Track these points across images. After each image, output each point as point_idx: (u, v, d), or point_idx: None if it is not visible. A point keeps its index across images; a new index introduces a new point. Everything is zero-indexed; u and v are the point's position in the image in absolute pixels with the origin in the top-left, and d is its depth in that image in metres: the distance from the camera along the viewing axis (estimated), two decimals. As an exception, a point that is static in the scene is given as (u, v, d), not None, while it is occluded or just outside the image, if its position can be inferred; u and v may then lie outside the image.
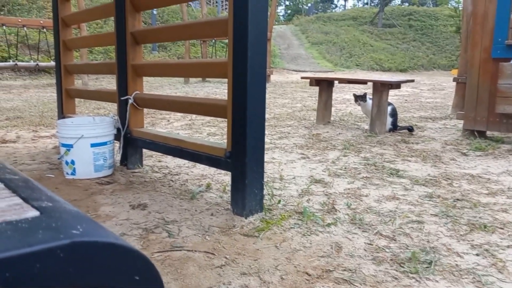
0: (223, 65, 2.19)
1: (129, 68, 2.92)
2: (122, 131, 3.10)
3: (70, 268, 0.51)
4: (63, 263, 0.51)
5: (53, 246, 0.50)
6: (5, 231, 0.54)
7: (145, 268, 0.57)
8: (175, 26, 2.59)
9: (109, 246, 0.54)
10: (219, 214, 2.22)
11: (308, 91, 9.94)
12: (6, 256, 0.48)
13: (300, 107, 7.15)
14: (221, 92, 9.79)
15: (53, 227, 0.55)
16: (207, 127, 5.11)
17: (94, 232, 0.55)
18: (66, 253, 0.51)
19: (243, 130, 2.10)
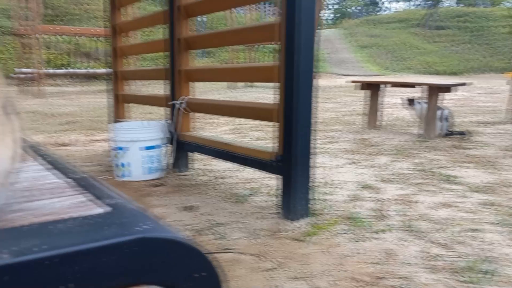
0: (273, 69, 2.20)
1: (178, 74, 2.99)
2: (172, 135, 3.18)
3: (135, 263, 0.53)
4: (129, 259, 0.53)
5: (119, 242, 0.52)
6: (75, 226, 0.56)
7: (205, 267, 0.58)
8: (225, 32, 2.63)
9: (173, 243, 0.56)
10: (267, 218, 2.22)
11: (354, 95, 9.78)
12: (75, 251, 0.50)
13: (346, 112, 7.05)
14: (267, 97, 9.83)
15: (119, 223, 0.57)
16: (254, 131, 5.14)
17: (159, 228, 0.57)
18: (132, 249, 0.53)
19: (294, 134, 2.10)
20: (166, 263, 0.55)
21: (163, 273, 0.55)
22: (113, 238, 0.52)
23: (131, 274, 0.53)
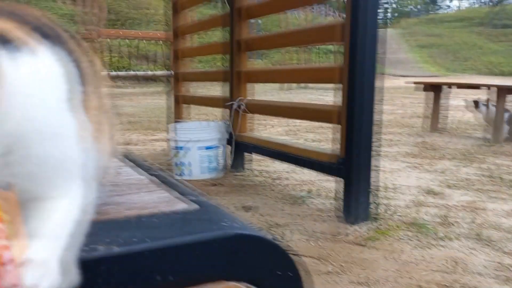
0: (335, 70, 2.18)
1: (237, 75, 3.04)
2: (230, 136, 3.23)
3: (224, 259, 0.55)
4: (219, 254, 0.54)
5: (210, 237, 0.54)
6: (166, 220, 0.59)
7: (288, 266, 0.59)
8: (286, 33, 2.65)
9: (259, 241, 0.57)
10: (323, 220, 2.20)
11: (413, 97, 9.46)
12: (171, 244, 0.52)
13: (404, 114, 6.84)
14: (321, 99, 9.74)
15: (207, 220, 0.59)
16: (308, 133, 5.11)
17: (245, 226, 0.58)
18: (222, 245, 0.54)
19: (356, 136, 2.07)
20: (252, 260, 0.57)
21: (249, 269, 0.57)
22: (204, 234, 0.54)
23: (220, 269, 0.55)
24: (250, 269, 0.57)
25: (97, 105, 0.51)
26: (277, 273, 0.58)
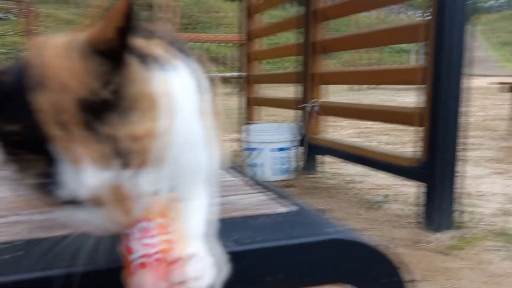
0: (417, 71, 2.10)
1: (312, 77, 3.03)
2: (303, 138, 3.22)
3: (328, 263, 0.55)
4: (323, 258, 0.55)
5: (315, 241, 0.55)
6: (271, 222, 0.61)
7: (393, 274, 0.58)
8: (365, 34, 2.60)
9: (362, 247, 0.57)
10: (403, 227, 2.13)
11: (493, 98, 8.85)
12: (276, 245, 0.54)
13: (486, 116, 6.42)
14: (392, 99, 9.41)
15: (310, 223, 0.60)
16: (381, 135, 4.97)
17: (348, 231, 0.58)
18: (325, 249, 0.55)
19: (440, 139, 1.99)
20: (357, 266, 0.57)
21: (354, 275, 0.57)
22: (310, 237, 0.55)
23: (326, 273, 0.55)
24: (355, 275, 0.57)
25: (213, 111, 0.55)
26: (382, 281, 0.57)
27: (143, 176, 0.38)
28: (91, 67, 0.35)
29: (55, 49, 0.37)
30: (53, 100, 0.34)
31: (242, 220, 0.60)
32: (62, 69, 0.35)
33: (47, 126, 0.34)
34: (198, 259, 0.41)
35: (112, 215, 0.37)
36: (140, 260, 0.38)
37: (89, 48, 0.36)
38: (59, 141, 0.34)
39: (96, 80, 0.35)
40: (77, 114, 0.34)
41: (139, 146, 0.37)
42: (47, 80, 0.35)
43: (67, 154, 0.34)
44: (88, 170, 0.35)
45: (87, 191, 0.35)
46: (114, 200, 0.37)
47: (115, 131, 0.36)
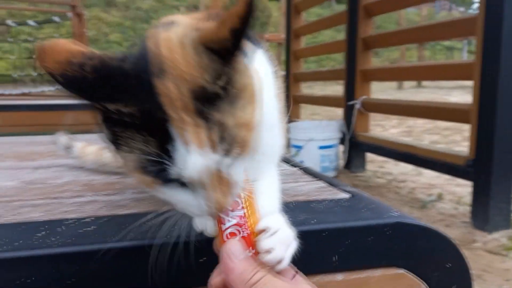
0: (467, 67, 2.05)
1: (359, 74, 3.00)
2: (347, 135, 3.20)
3: (393, 245, 0.56)
4: (389, 240, 0.56)
5: (382, 223, 0.56)
6: (333, 206, 0.62)
7: (457, 259, 0.58)
8: (412, 29, 2.55)
9: (426, 230, 0.57)
10: (456, 226, 2.07)
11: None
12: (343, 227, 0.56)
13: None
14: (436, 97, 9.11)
15: (372, 208, 0.61)
16: (428, 134, 4.82)
17: (409, 216, 0.59)
18: (391, 231, 0.56)
19: (490, 137, 1.92)
20: (419, 250, 0.57)
21: (416, 259, 0.57)
22: (373, 220, 0.57)
23: (386, 256, 0.56)
24: (416, 259, 0.57)
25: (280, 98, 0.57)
26: (446, 266, 0.58)
27: (241, 162, 0.42)
28: (204, 61, 0.38)
29: (173, 42, 0.40)
30: (173, 87, 0.38)
31: (306, 204, 0.62)
32: (180, 60, 0.39)
33: (167, 109, 0.37)
34: (282, 230, 0.43)
35: (211, 198, 0.40)
36: (230, 230, 0.42)
37: (204, 44, 0.39)
38: (176, 123, 0.37)
39: (208, 74, 0.38)
40: (192, 101, 0.38)
41: (243, 133, 0.40)
42: (168, 69, 0.38)
43: (181, 136, 0.38)
44: (198, 152, 0.38)
45: (195, 171, 0.38)
46: (215, 183, 0.40)
47: (225, 118, 0.39)
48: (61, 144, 0.90)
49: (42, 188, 0.76)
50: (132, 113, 0.38)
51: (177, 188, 0.41)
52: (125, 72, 0.39)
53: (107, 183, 0.79)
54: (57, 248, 0.48)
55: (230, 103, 0.40)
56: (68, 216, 0.59)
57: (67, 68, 0.37)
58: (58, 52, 0.38)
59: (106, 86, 0.38)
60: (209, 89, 0.39)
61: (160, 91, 0.38)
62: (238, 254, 0.41)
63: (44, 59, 0.38)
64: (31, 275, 0.46)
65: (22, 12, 10.07)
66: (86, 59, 0.38)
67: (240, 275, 0.39)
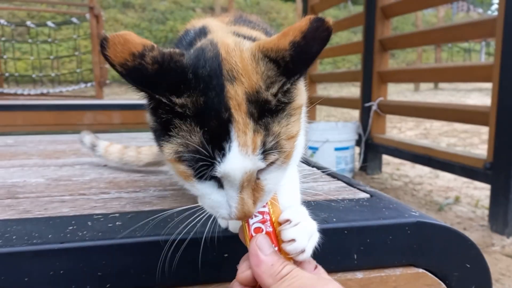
0: (486, 69, 2.02)
1: (375, 75, 2.99)
2: (363, 137, 3.19)
3: (413, 244, 0.57)
4: (409, 239, 0.57)
5: (402, 222, 0.56)
6: (353, 205, 0.63)
7: (476, 259, 0.59)
8: (431, 30, 2.53)
9: (446, 230, 0.58)
10: (473, 230, 2.05)
11: None
12: (364, 225, 0.56)
13: None
14: (458, 100, 8.99)
15: (392, 208, 0.62)
16: (445, 137, 4.77)
17: (428, 216, 0.59)
18: (412, 230, 0.57)
19: (508, 139, 1.89)
20: (439, 249, 0.58)
21: (435, 259, 0.58)
22: (393, 219, 0.57)
23: (406, 255, 0.57)
24: (437, 258, 0.58)
25: None
26: (466, 266, 0.58)
27: (281, 172, 0.44)
28: (263, 69, 0.41)
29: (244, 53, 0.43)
30: (241, 93, 0.40)
31: (326, 203, 0.63)
32: (249, 70, 0.41)
33: (233, 111, 0.40)
34: (305, 221, 0.45)
35: (244, 202, 0.41)
36: (256, 225, 0.44)
37: (265, 54, 0.41)
38: (238, 125, 0.39)
39: (264, 82, 0.41)
40: (255, 108, 0.40)
41: (290, 146, 0.43)
42: (239, 76, 0.41)
43: (239, 137, 0.39)
44: (250, 156, 0.40)
45: (241, 173, 0.40)
46: (251, 189, 0.42)
47: (280, 130, 0.41)
48: (87, 143, 0.93)
49: (68, 185, 0.78)
50: (196, 107, 0.40)
51: (213, 187, 0.43)
52: (185, 68, 0.41)
53: (131, 180, 0.82)
54: (87, 242, 0.49)
55: (287, 116, 0.42)
56: (95, 212, 0.61)
57: (128, 58, 0.39)
58: (120, 43, 0.40)
59: (166, 77, 0.40)
60: (263, 95, 0.41)
61: (230, 95, 0.40)
62: (267, 249, 0.42)
63: (106, 49, 0.39)
64: (62, 267, 0.48)
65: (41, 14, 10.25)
66: (147, 51, 0.40)
67: (270, 268, 0.41)
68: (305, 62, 0.41)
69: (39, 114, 3.07)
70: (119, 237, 0.51)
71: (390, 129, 5.52)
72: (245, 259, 0.44)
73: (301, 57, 0.40)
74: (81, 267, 0.48)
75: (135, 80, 0.40)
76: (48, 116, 3.05)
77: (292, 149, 0.43)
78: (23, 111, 3.06)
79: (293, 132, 0.43)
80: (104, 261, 0.49)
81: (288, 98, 0.42)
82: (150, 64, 0.40)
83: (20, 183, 0.79)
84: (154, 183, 0.79)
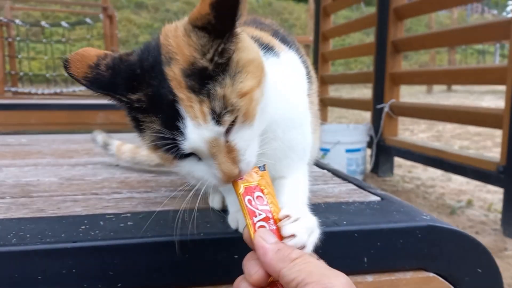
0: (500, 71, 2.00)
1: (387, 77, 2.97)
2: (375, 139, 3.17)
3: (424, 248, 0.57)
4: (420, 243, 0.56)
5: (413, 226, 0.56)
6: (363, 208, 0.63)
7: (488, 264, 0.58)
8: (445, 32, 2.51)
9: (457, 235, 0.57)
10: (486, 234, 2.02)
11: None
12: (374, 228, 0.56)
13: None
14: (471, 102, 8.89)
15: (403, 211, 0.61)
16: (458, 139, 4.72)
17: (440, 220, 0.59)
18: (423, 234, 0.56)
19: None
20: (450, 254, 0.57)
21: (446, 263, 0.57)
22: (404, 222, 0.57)
23: (416, 259, 0.57)
24: (448, 262, 0.57)
25: (316, 102, 0.59)
26: (477, 271, 0.58)
27: (244, 131, 0.45)
28: (195, 40, 0.42)
29: (178, 30, 0.44)
30: (177, 70, 0.42)
31: (336, 205, 0.63)
32: (175, 45, 0.43)
33: (175, 91, 0.41)
34: (305, 217, 0.46)
35: (222, 165, 0.43)
36: (260, 223, 0.45)
37: (192, 24, 0.43)
38: (182, 102, 0.41)
39: (198, 52, 0.42)
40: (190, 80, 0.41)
41: (244, 103, 0.43)
42: (173, 55, 0.42)
43: (188, 112, 0.41)
44: (203, 125, 0.41)
45: (202, 143, 0.42)
46: (223, 152, 0.43)
47: (226, 91, 0.42)
48: (99, 142, 0.94)
49: (81, 184, 0.79)
50: (148, 99, 0.43)
51: (193, 162, 0.45)
52: (133, 65, 0.44)
53: (142, 180, 0.82)
54: (99, 241, 0.50)
55: (230, 76, 0.43)
56: (107, 212, 0.62)
57: (87, 71, 0.44)
58: (78, 60, 0.44)
59: (119, 78, 0.44)
60: (199, 64, 0.42)
61: (170, 77, 0.42)
62: (270, 238, 0.42)
63: (69, 68, 0.44)
64: (75, 266, 0.49)
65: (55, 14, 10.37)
66: (100, 60, 0.44)
67: (277, 253, 0.40)
68: (230, 17, 0.42)
69: (53, 113, 3.10)
70: (131, 237, 0.51)
71: (402, 131, 5.47)
72: (248, 259, 0.44)
73: (225, 14, 0.41)
74: (93, 266, 0.49)
75: (97, 87, 0.44)
76: (61, 115, 3.08)
77: (249, 106, 0.44)
78: (37, 110, 3.10)
79: (244, 88, 0.43)
80: (116, 261, 0.49)
81: (225, 57, 0.43)
82: (105, 71, 0.44)
83: (34, 182, 0.80)
84: (165, 183, 0.79)
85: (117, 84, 0.44)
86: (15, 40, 5.94)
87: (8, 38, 5.54)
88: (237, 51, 0.44)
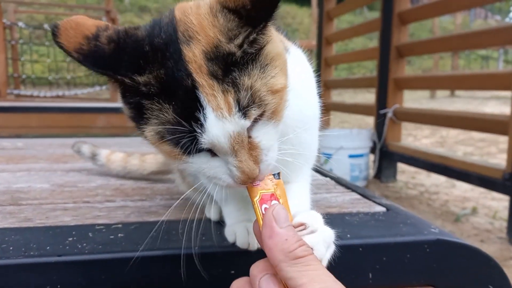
0: (504, 77, 1.97)
1: (391, 82, 2.94)
2: (378, 144, 3.14)
3: (433, 263, 0.53)
4: (428, 257, 0.53)
5: (421, 240, 0.53)
6: (368, 220, 0.60)
7: (500, 279, 0.55)
8: (448, 37, 2.48)
9: (468, 249, 0.54)
10: (491, 242, 1.98)
11: None
12: (380, 242, 0.53)
13: None
14: (475, 108, 8.85)
15: (410, 223, 0.58)
16: (462, 145, 4.68)
17: (448, 233, 0.56)
18: (431, 248, 0.53)
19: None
20: (460, 269, 0.54)
21: (456, 279, 0.54)
22: (411, 236, 0.54)
23: (424, 274, 0.53)
24: (458, 278, 0.54)
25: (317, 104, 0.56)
26: (489, 287, 0.54)
27: (270, 129, 0.40)
28: (221, 22, 0.37)
29: (201, 9, 0.39)
30: (199, 53, 0.37)
31: (340, 217, 0.60)
32: (197, 23, 0.38)
33: (195, 76, 0.36)
34: (323, 229, 0.42)
35: (242, 163, 0.38)
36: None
37: (225, 5, 0.38)
38: (204, 90, 0.36)
39: (224, 35, 0.37)
40: (208, 63, 0.36)
41: (274, 100, 0.39)
42: (195, 35, 0.37)
43: (210, 102, 0.36)
44: (227, 118, 0.36)
45: (225, 138, 0.37)
46: (245, 149, 0.38)
47: (255, 83, 0.37)
48: (86, 153, 0.88)
49: (73, 191, 0.76)
50: (160, 82, 0.37)
51: (206, 158, 0.40)
52: (141, 40, 0.38)
53: (137, 187, 0.79)
54: (86, 255, 0.47)
55: (260, 68, 0.38)
56: (98, 222, 0.59)
57: (82, 42, 0.37)
58: (72, 28, 0.37)
59: (124, 55, 0.37)
60: (226, 48, 0.37)
61: (188, 58, 0.37)
62: (283, 221, 0.37)
63: (58, 36, 0.37)
64: (60, 281, 0.46)
65: (58, 17, 10.41)
66: (101, 31, 0.38)
67: (283, 243, 0.36)
68: (269, 7, 0.37)
69: (53, 116, 3.08)
70: (120, 250, 0.48)
71: (405, 137, 5.43)
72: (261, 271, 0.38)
73: (264, 2, 0.37)
74: (79, 282, 0.46)
75: (94, 64, 0.37)
76: (62, 118, 3.06)
77: (279, 104, 0.39)
78: (38, 113, 3.08)
79: (276, 85, 0.39)
80: (103, 276, 0.46)
81: (255, 48, 0.38)
82: (106, 44, 0.37)
83: (25, 189, 0.78)
84: (161, 191, 0.76)
85: (121, 61, 0.37)
86: (18, 42, 5.94)
87: (11, 40, 5.54)
88: (269, 43, 0.40)
